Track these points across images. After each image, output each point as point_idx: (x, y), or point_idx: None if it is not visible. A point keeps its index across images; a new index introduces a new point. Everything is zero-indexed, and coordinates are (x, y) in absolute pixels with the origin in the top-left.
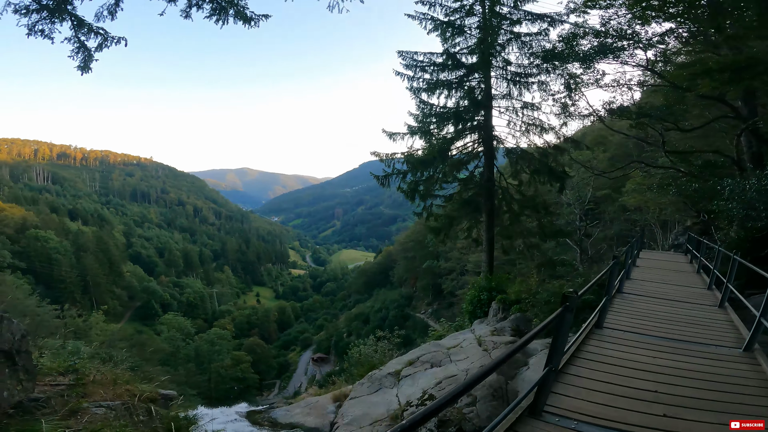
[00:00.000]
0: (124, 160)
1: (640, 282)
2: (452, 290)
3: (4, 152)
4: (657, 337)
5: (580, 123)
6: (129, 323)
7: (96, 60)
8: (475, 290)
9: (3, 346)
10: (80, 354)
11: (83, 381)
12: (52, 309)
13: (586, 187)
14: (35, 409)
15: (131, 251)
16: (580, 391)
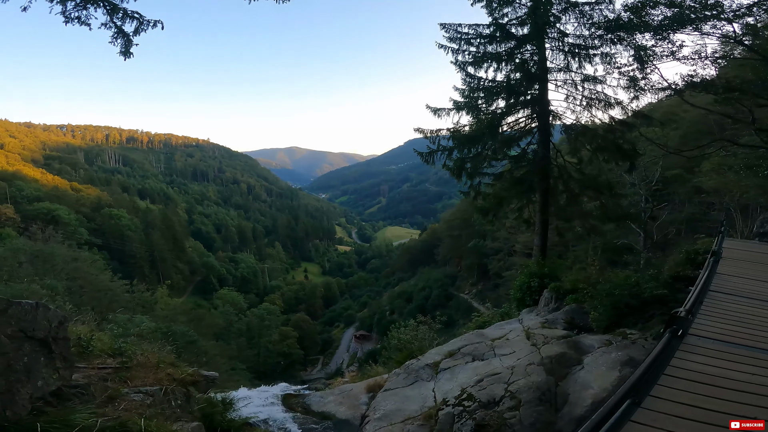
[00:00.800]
0: (185, 142)
1: (728, 277)
2: (499, 271)
3: (79, 138)
4: (755, 349)
5: (653, 97)
6: (190, 297)
7: (136, 45)
8: (525, 276)
9: (38, 334)
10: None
11: (128, 364)
12: (123, 284)
13: (654, 167)
14: (75, 397)
15: (192, 227)
16: (658, 417)
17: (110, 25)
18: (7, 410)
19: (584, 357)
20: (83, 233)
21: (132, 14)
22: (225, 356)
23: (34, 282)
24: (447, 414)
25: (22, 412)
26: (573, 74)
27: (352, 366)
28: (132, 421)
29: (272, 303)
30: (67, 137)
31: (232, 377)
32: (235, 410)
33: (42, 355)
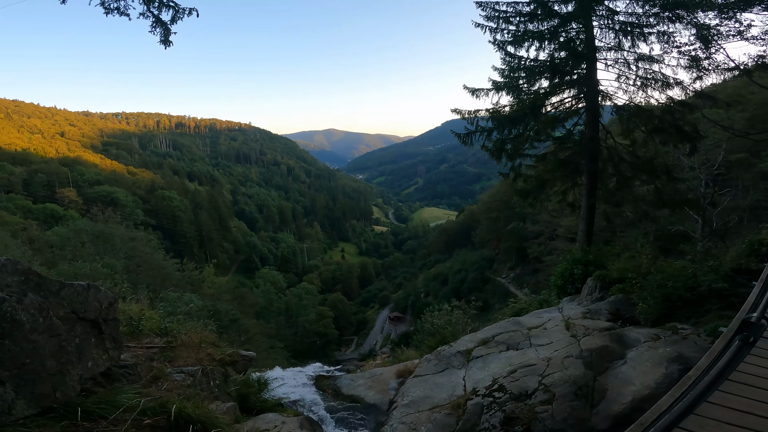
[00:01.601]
0: (228, 126)
1: None
2: (538, 256)
3: (132, 125)
4: None
5: (717, 78)
6: (234, 276)
7: (174, 33)
8: (567, 263)
9: (89, 315)
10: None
11: (173, 344)
12: (174, 263)
13: (717, 150)
14: (122, 377)
15: (236, 208)
16: (705, 423)
17: (148, 14)
18: (57, 392)
19: (628, 351)
20: (139, 214)
21: (168, 3)
22: (264, 335)
23: (96, 261)
24: (476, 404)
25: (72, 394)
26: (625, 53)
27: (385, 347)
28: (171, 402)
29: (310, 282)
30: (122, 124)
31: (271, 356)
32: (269, 390)
33: (93, 336)
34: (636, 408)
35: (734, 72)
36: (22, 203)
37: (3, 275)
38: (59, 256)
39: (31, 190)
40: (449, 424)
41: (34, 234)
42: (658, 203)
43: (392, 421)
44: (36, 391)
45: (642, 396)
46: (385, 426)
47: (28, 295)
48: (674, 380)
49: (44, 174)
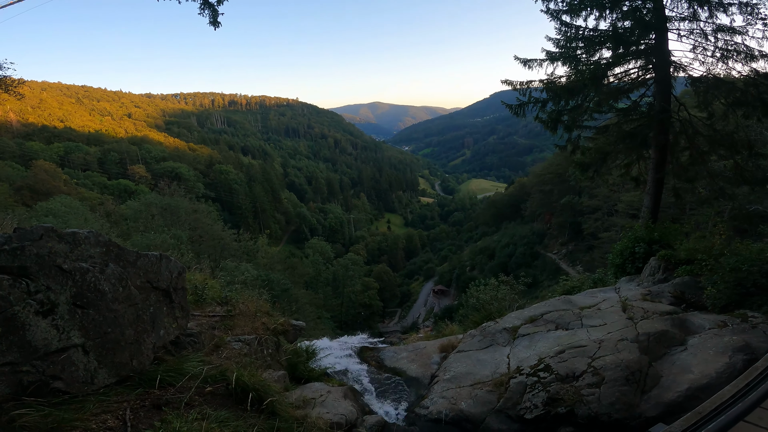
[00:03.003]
0: (277, 102)
1: None
2: (594, 232)
3: (190, 104)
4: None
5: None
6: (285, 246)
7: (222, 14)
8: (628, 240)
9: (161, 284)
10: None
11: (232, 313)
12: (232, 233)
13: None
14: (188, 345)
15: (287, 180)
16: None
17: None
18: (134, 360)
19: (690, 338)
20: (200, 187)
21: None
22: (313, 305)
23: (164, 232)
24: (519, 383)
25: (146, 362)
26: (702, 24)
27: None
28: (229, 370)
29: (356, 253)
30: (180, 104)
31: (318, 326)
32: (316, 360)
33: (164, 305)
34: (691, 397)
35: None
36: (98, 180)
37: (86, 247)
38: (133, 228)
39: (106, 168)
40: (490, 401)
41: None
42: (738, 180)
43: (432, 395)
44: (115, 360)
45: (699, 385)
46: (425, 399)
47: (110, 266)
48: (737, 371)
49: (116, 153)
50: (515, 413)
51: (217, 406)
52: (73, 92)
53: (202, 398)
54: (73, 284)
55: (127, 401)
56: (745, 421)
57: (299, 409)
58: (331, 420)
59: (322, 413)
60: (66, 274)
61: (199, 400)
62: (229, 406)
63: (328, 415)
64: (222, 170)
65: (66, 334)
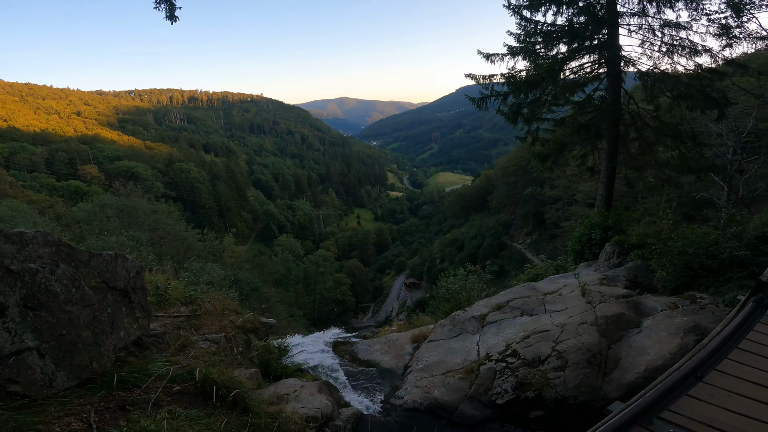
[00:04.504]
0: (241, 98)
1: None
2: (556, 221)
3: (146, 101)
4: None
5: (749, 46)
6: (253, 244)
7: (179, 8)
8: (585, 227)
9: (118, 284)
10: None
11: (198, 312)
12: (195, 233)
13: (746, 117)
14: (152, 345)
15: (253, 177)
16: (716, 393)
17: None
18: (94, 362)
19: (644, 320)
20: (159, 187)
21: None
22: (284, 303)
23: (121, 234)
24: (489, 369)
25: (108, 364)
26: (650, 19)
27: (401, 314)
28: (198, 369)
29: (327, 249)
30: (135, 101)
31: (291, 324)
32: (289, 356)
33: (123, 305)
34: (649, 378)
35: (766, 41)
36: (46, 181)
37: (34, 247)
38: (87, 231)
39: (54, 169)
40: (462, 388)
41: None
42: (683, 168)
43: (407, 385)
44: (74, 362)
45: (656, 366)
46: (400, 389)
47: (60, 266)
48: (689, 351)
49: (65, 152)
50: (487, 399)
51: (187, 405)
52: (16, 90)
53: (170, 398)
54: (22, 285)
55: (90, 403)
56: (689, 395)
57: (273, 405)
58: (307, 414)
59: (297, 408)
60: (14, 275)
61: (167, 399)
62: (199, 404)
63: (303, 410)
64: (183, 169)
65: (18, 337)
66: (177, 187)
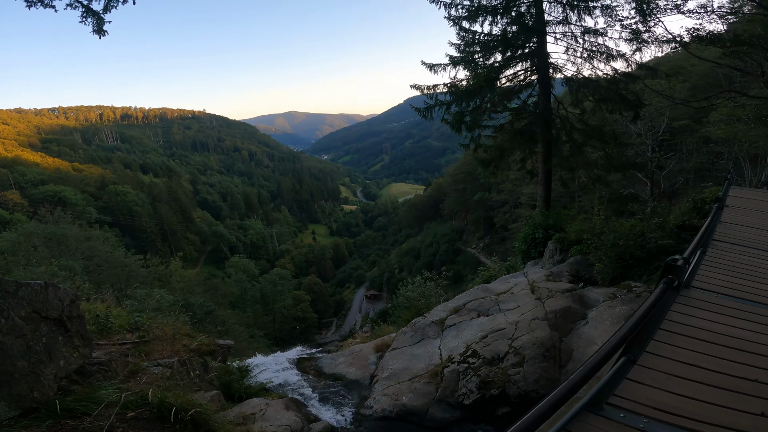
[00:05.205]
0: (181, 115)
1: (733, 226)
2: (505, 224)
3: (72, 119)
4: (759, 304)
5: (657, 50)
6: (203, 267)
7: (109, 22)
8: (529, 227)
9: (52, 314)
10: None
11: (146, 338)
12: (137, 259)
13: (660, 117)
14: (98, 373)
15: (198, 198)
16: (657, 376)
17: (76, 5)
18: (34, 391)
19: (589, 311)
20: (92, 212)
21: None
22: (242, 324)
23: (52, 264)
24: (452, 371)
25: (50, 393)
26: (573, 27)
27: (365, 326)
28: (152, 393)
29: (283, 268)
30: (60, 119)
31: (252, 345)
32: (251, 377)
33: (59, 334)
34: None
35: (672, 44)
36: None
37: None
38: (12, 263)
39: None
40: (429, 392)
41: None
42: (609, 167)
43: (375, 394)
44: (13, 392)
45: None
46: (368, 399)
47: None
48: None
49: None
50: (455, 400)
51: (144, 431)
52: None
53: (125, 424)
54: None
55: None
56: (629, 380)
57: (240, 426)
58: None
59: (265, 427)
60: None
61: (122, 426)
62: (157, 429)
63: (271, 428)
64: (118, 191)
65: None
66: (113, 212)
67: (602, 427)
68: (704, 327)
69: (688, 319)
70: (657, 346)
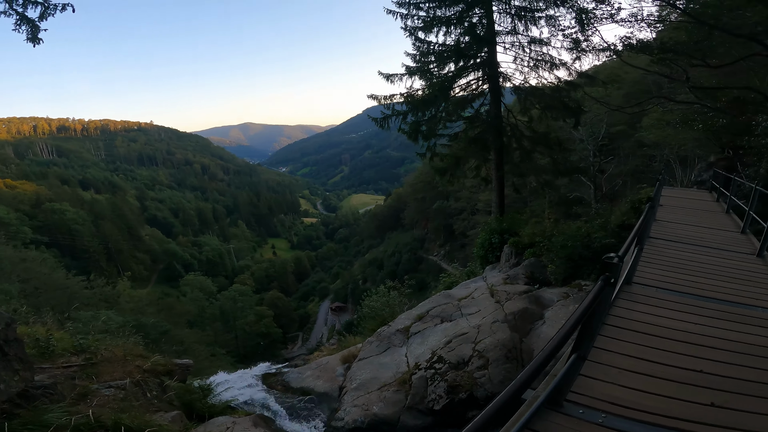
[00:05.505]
0: (125, 127)
1: (667, 224)
2: (464, 230)
3: (3, 131)
4: (696, 297)
5: (594, 58)
6: (156, 286)
7: (44, 30)
8: (485, 233)
9: None
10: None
11: (93, 360)
12: (80, 280)
13: (599, 123)
14: (43, 397)
15: (147, 214)
16: (609, 371)
17: (11, 12)
18: None
19: (545, 311)
20: (27, 232)
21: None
22: (203, 343)
23: None
24: (420, 378)
25: None
26: (520, 37)
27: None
28: (106, 416)
29: (243, 284)
30: None
31: (214, 363)
32: (215, 395)
33: None
34: None
35: (607, 53)
36: None
37: None
38: None
39: None
40: (399, 400)
41: None
42: (556, 172)
43: (345, 406)
44: None
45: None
46: (339, 411)
47: None
48: None
49: None
50: (425, 407)
51: None
52: None
53: None
54: None
55: None
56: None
57: None
58: None
59: None
60: None
61: None
62: None
63: None
64: (55, 209)
65: None
66: (50, 231)
67: (564, 424)
68: (647, 321)
69: (631, 314)
70: (605, 341)
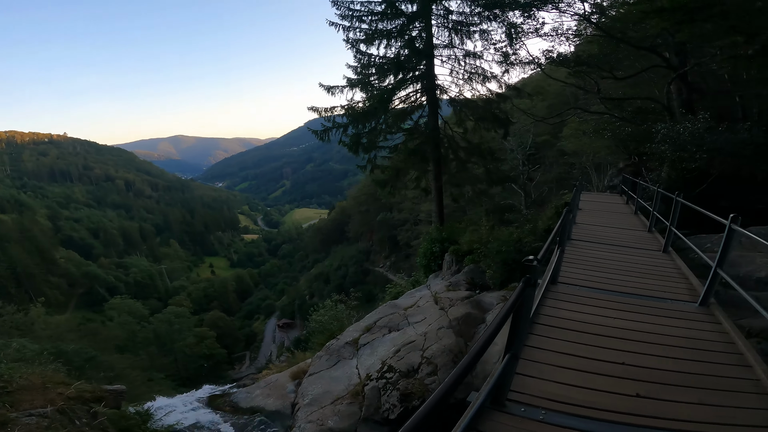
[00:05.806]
0: (34, 139)
1: (585, 226)
2: (408, 241)
3: None
4: (613, 292)
5: (521, 71)
6: (76, 312)
7: None
8: (427, 242)
9: None
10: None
11: (8, 389)
12: None
13: (527, 134)
14: None
15: (61, 235)
16: (543, 368)
17: None
18: None
19: (487, 315)
20: None
21: None
22: (137, 368)
23: None
24: (373, 388)
25: None
26: (456, 50)
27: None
28: None
29: (179, 305)
30: None
31: (152, 388)
32: (156, 420)
33: None
34: None
35: (532, 65)
36: None
37: None
38: None
39: None
40: (354, 412)
41: None
42: (490, 181)
43: (299, 422)
44: None
45: None
46: (293, 429)
47: None
48: None
49: None
50: (380, 417)
51: None
52: None
53: None
54: None
55: None
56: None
57: None
58: None
59: None
60: None
61: None
62: None
63: None
64: None
65: None
66: None
67: (508, 422)
68: (573, 318)
69: (559, 312)
70: (537, 339)
